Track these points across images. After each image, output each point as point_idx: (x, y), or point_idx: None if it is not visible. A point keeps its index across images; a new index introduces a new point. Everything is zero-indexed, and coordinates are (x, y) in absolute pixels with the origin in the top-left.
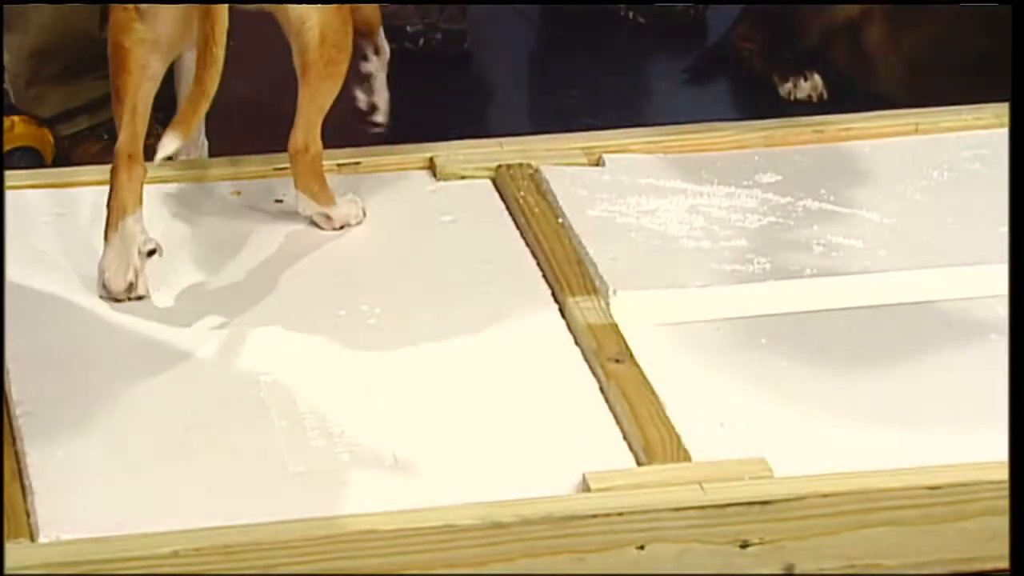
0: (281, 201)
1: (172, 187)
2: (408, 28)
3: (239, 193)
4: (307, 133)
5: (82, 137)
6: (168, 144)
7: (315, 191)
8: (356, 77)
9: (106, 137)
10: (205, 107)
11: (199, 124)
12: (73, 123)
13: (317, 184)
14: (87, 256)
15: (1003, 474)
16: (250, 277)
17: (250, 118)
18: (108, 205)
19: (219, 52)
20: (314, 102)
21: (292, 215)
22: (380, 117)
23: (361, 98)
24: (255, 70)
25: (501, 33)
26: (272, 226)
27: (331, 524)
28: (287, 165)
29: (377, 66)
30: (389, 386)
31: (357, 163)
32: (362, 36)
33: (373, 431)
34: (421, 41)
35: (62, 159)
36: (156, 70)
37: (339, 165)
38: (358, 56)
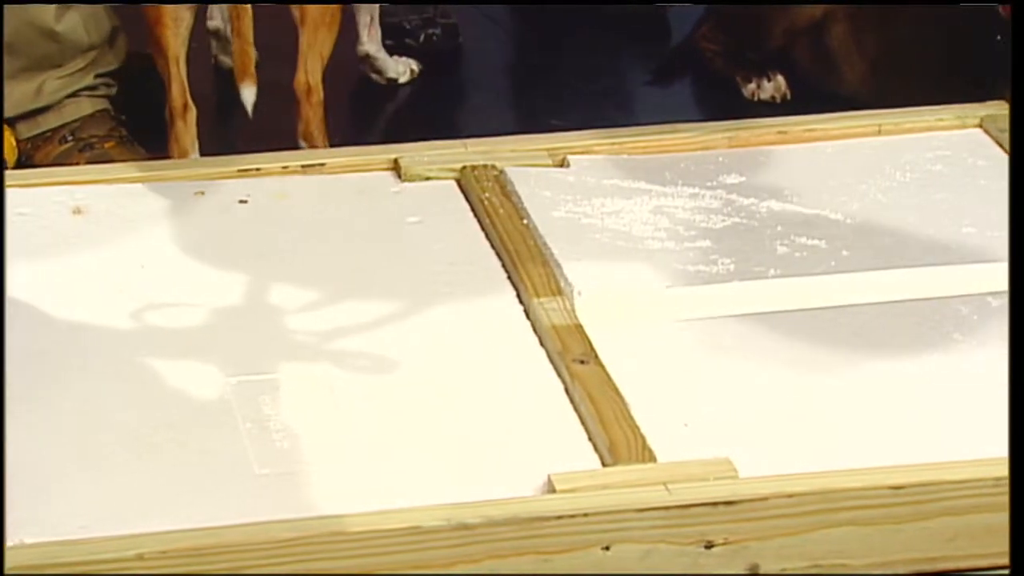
0: (245, 201)
1: (136, 187)
2: (405, 25)
3: (203, 193)
4: (310, 77)
5: (44, 139)
6: (248, 95)
7: (315, 139)
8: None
9: (69, 139)
10: (251, 51)
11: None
12: (35, 123)
13: (318, 131)
14: (53, 256)
15: (964, 474)
16: (214, 278)
17: (208, 115)
18: (171, 154)
19: (247, 6)
20: (313, 48)
21: (257, 215)
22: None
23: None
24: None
25: (467, 35)
26: (236, 226)
27: (297, 526)
28: (251, 166)
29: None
30: (354, 387)
31: (322, 164)
32: None
33: (338, 433)
34: (421, 37)
35: (22, 161)
36: (188, 22)
37: (303, 166)
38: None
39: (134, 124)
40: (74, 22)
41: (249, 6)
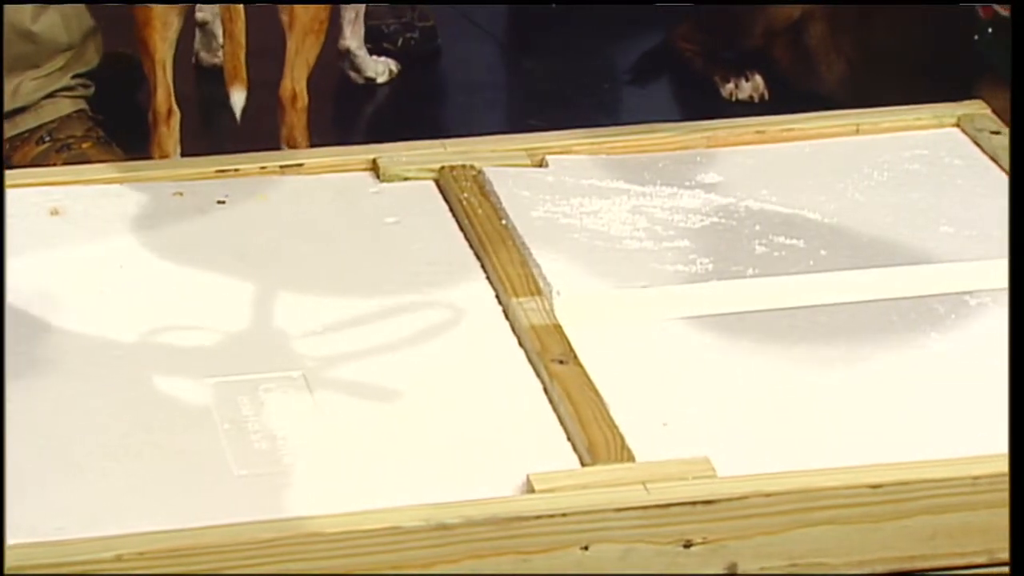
0: (223, 202)
1: (114, 188)
2: (383, 28)
3: (181, 194)
4: (296, 84)
5: (22, 140)
6: (238, 98)
7: (298, 145)
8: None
9: (47, 139)
10: (243, 55)
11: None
12: (12, 124)
13: (301, 136)
14: (31, 257)
15: (943, 472)
16: (192, 279)
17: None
18: (153, 158)
19: (240, 7)
20: (300, 55)
21: (235, 216)
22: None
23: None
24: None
25: (446, 35)
26: (214, 227)
27: (276, 527)
28: (229, 167)
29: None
30: (332, 388)
31: (300, 164)
32: None
33: (316, 433)
34: (400, 41)
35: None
36: (177, 25)
37: (282, 167)
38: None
39: (112, 124)
40: (51, 22)
41: (242, 9)
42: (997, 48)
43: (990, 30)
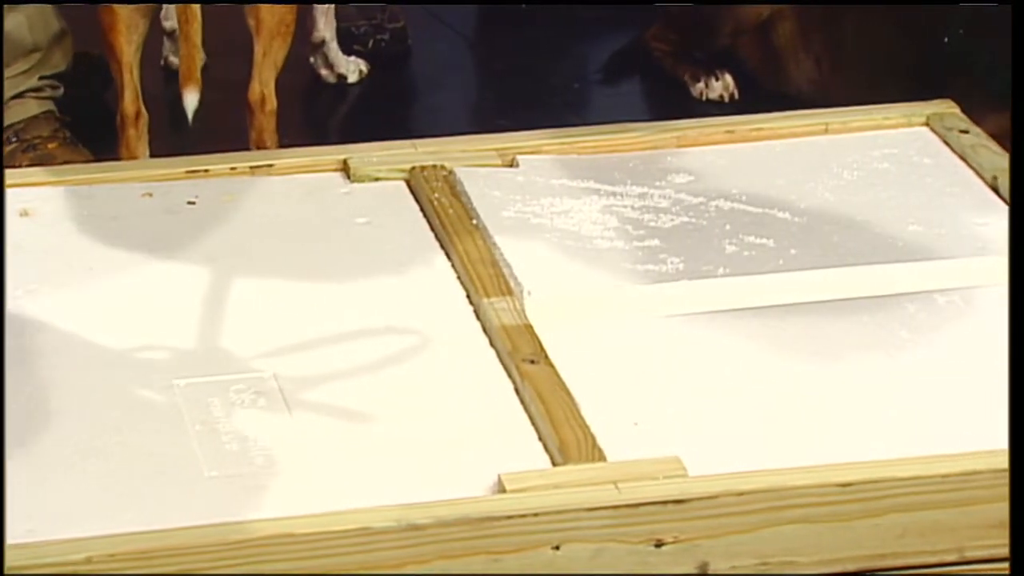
0: (193, 203)
1: (83, 189)
2: (353, 30)
3: (151, 195)
4: (264, 88)
5: None
6: (191, 99)
7: (267, 147)
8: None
9: (14, 140)
10: (198, 56)
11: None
12: None
13: (270, 139)
14: None
15: (913, 470)
16: (163, 280)
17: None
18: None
19: (196, 8)
20: (268, 58)
21: (205, 216)
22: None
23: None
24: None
25: (416, 36)
26: (184, 228)
27: (247, 528)
28: (199, 168)
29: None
30: (303, 389)
31: (270, 165)
32: None
33: (287, 435)
34: (370, 43)
35: None
36: (143, 28)
37: (252, 167)
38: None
39: (80, 126)
40: (17, 23)
41: (198, 10)
42: (968, 48)
43: (961, 31)
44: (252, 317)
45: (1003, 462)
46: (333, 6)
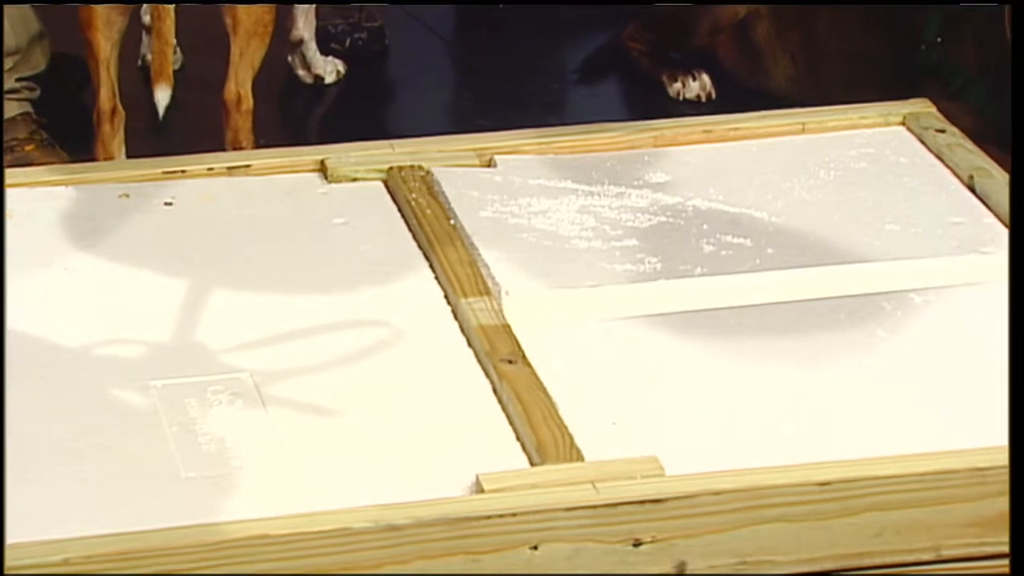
0: (170, 204)
1: (60, 189)
2: (330, 28)
3: (127, 195)
4: (240, 88)
5: None
6: (162, 96)
7: (242, 147)
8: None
9: None
10: (170, 53)
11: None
12: None
13: (246, 139)
14: None
15: (890, 469)
16: (140, 281)
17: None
18: (97, 157)
19: (169, 7)
20: (244, 58)
21: (182, 217)
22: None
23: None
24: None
25: (394, 36)
26: (161, 229)
27: (225, 529)
28: (176, 168)
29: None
30: (280, 389)
31: (248, 165)
32: None
33: (264, 435)
34: (347, 42)
35: None
36: (120, 25)
37: (229, 168)
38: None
39: (57, 127)
40: None
41: (172, 8)
42: (944, 56)
43: (939, 39)
44: (229, 318)
45: (979, 461)
46: (314, 6)
